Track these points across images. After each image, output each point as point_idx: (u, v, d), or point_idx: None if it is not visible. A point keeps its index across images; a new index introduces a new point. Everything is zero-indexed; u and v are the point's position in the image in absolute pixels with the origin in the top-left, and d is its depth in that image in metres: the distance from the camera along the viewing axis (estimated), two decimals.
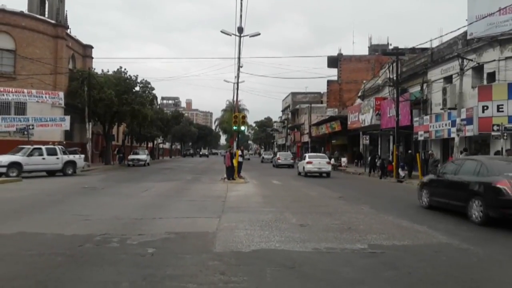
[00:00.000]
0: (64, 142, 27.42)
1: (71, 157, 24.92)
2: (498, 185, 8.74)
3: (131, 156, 38.86)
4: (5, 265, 5.88)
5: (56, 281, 5.14)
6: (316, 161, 26.66)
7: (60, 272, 5.51)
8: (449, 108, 22.59)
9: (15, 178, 20.51)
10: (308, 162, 26.47)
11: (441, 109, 23.92)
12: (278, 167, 39.05)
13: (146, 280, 5.18)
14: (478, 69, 21.56)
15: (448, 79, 23.79)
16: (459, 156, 18.68)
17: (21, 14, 32.16)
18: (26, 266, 5.79)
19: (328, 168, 26.67)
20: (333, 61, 53.94)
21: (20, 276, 5.34)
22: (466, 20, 21.92)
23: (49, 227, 8.52)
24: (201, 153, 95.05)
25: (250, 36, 25.71)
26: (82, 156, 26.59)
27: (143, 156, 39.57)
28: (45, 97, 30.08)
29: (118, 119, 38.15)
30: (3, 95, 28.37)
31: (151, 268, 5.71)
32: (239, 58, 25.85)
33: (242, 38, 24.51)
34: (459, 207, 10.07)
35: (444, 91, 22.93)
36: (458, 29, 20.90)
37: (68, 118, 30.79)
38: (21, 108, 30.56)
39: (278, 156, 42.86)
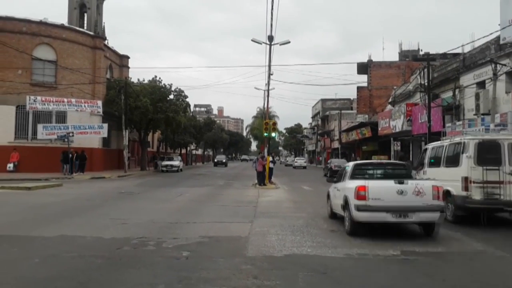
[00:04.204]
0: (72, 151, 28.55)
1: None
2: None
3: (165, 162, 39.60)
4: (48, 266, 6.15)
5: (96, 283, 5.36)
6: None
7: (100, 274, 5.74)
8: (482, 114, 22.02)
9: (55, 183, 21.35)
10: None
11: (474, 114, 23.32)
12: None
13: (182, 282, 5.34)
14: (511, 74, 20.92)
15: (481, 85, 23.20)
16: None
17: (61, 26, 33.53)
18: (68, 268, 6.03)
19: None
20: (362, 68, 53.43)
21: (62, 277, 5.57)
22: (499, 24, 21.35)
23: (89, 231, 8.86)
24: (221, 161, 63.02)
25: (280, 44, 25.83)
26: None
27: (176, 162, 40.28)
28: (84, 106, 31.14)
29: (153, 126, 39.04)
30: (45, 104, 29.63)
31: (186, 271, 5.87)
32: (269, 66, 26.03)
33: (272, 46, 24.68)
34: None
35: (477, 96, 22.39)
36: (491, 33, 20.29)
37: (106, 125, 31.76)
38: (61, 116, 31.79)
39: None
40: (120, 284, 5.33)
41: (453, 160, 10.92)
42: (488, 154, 10.08)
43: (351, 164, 10.40)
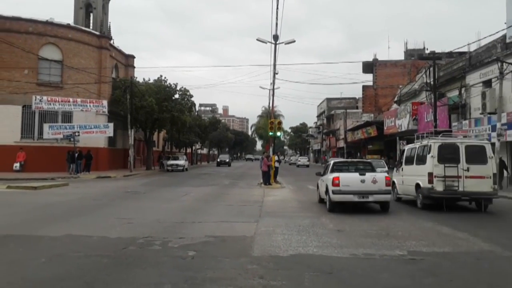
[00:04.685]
0: (78, 149, 28.60)
1: None
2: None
3: (170, 162, 39.68)
4: (55, 266, 6.17)
5: (102, 282, 5.37)
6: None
7: (106, 274, 5.75)
8: (489, 113, 21.91)
9: (61, 183, 21.46)
10: None
11: (480, 113, 23.19)
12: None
13: (188, 282, 5.34)
14: None
15: (487, 83, 23.06)
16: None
17: (67, 26, 33.66)
18: (74, 267, 6.05)
19: None
20: (368, 67, 53.30)
21: (68, 277, 5.59)
22: (505, 23, 21.24)
23: (95, 230, 8.90)
24: (224, 160, 60.76)
25: (285, 44, 25.82)
26: None
27: (181, 161, 40.36)
28: (89, 106, 31.27)
29: (159, 125, 39.14)
30: (50, 104, 29.77)
31: (192, 270, 5.88)
32: (274, 65, 26.00)
33: (277, 46, 24.67)
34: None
35: (484, 95, 22.26)
36: (497, 32, 20.23)
37: (111, 125, 31.88)
38: (67, 116, 31.95)
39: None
40: (127, 283, 5.34)
41: (422, 159, 13.20)
42: (447, 154, 12.38)
43: (331, 162, 13.88)
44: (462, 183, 12.18)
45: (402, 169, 15.18)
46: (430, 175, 12.39)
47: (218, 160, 62.59)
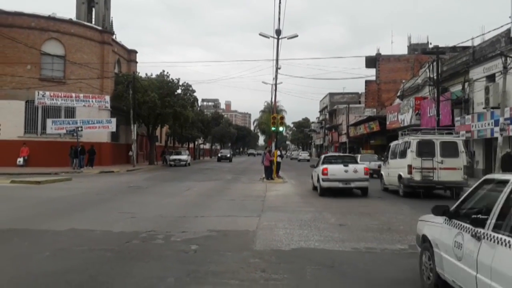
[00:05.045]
0: (81, 144, 28.66)
1: None
2: None
3: (173, 157, 39.77)
4: (59, 260, 6.23)
5: (106, 276, 5.42)
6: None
7: (110, 267, 5.81)
8: (492, 107, 21.81)
9: (65, 177, 21.57)
10: None
11: (483, 108, 23.09)
12: None
13: (190, 276, 5.40)
14: None
15: (491, 78, 22.95)
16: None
17: (70, 21, 33.64)
18: (78, 261, 6.11)
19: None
20: (371, 61, 53.02)
21: (72, 270, 5.64)
22: (510, 17, 21.08)
23: (98, 224, 8.97)
24: (225, 155, 57.70)
25: (287, 38, 25.72)
26: None
27: (184, 156, 40.46)
28: (92, 101, 31.32)
29: (161, 121, 39.20)
30: (53, 99, 29.85)
31: (194, 264, 5.93)
32: (277, 60, 25.94)
33: (280, 40, 24.58)
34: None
35: (487, 90, 22.16)
36: (501, 26, 20.04)
37: (114, 120, 31.93)
38: (70, 111, 32.02)
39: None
40: (130, 277, 5.39)
41: (403, 154, 15.03)
42: (425, 149, 14.26)
43: (323, 156, 16.66)
44: (437, 173, 14.10)
45: (388, 162, 16.90)
46: (410, 167, 14.28)
47: (219, 155, 59.85)
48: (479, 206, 4.22)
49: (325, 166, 14.90)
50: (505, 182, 3.70)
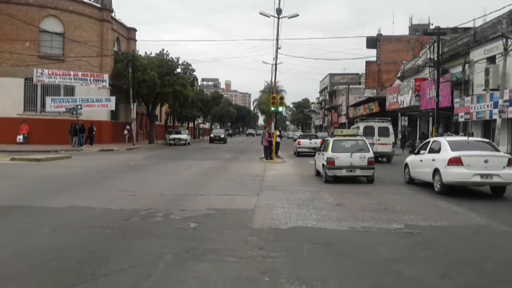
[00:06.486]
0: (80, 122, 28.54)
1: None
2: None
3: (173, 136, 39.79)
4: (59, 236, 6.32)
5: (105, 252, 5.49)
6: None
7: (109, 244, 5.89)
8: (492, 89, 21.76)
9: (64, 155, 21.60)
10: None
11: (483, 90, 23.02)
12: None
13: (189, 253, 5.47)
14: None
15: (491, 60, 22.80)
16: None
17: None
18: (78, 238, 6.19)
19: None
20: (372, 42, 52.47)
21: (72, 246, 5.71)
22: None
23: (98, 202, 9.05)
24: (218, 136, 48.54)
25: (288, 18, 25.48)
26: None
27: (184, 135, 40.48)
28: (90, 79, 31.18)
29: (161, 100, 39.05)
30: (51, 77, 29.67)
31: (193, 241, 6.01)
32: (277, 40, 25.74)
33: (280, 20, 24.36)
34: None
35: (487, 71, 22.06)
36: (503, 7, 19.77)
37: (113, 98, 31.82)
38: (70, 89, 31.86)
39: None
40: (129, 253, 5.46)
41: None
42: (368, 131, 20.78)
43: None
44: (375, 147, 19.55)
45: None
46: None
47: (211, 135, 51.67)
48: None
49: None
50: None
